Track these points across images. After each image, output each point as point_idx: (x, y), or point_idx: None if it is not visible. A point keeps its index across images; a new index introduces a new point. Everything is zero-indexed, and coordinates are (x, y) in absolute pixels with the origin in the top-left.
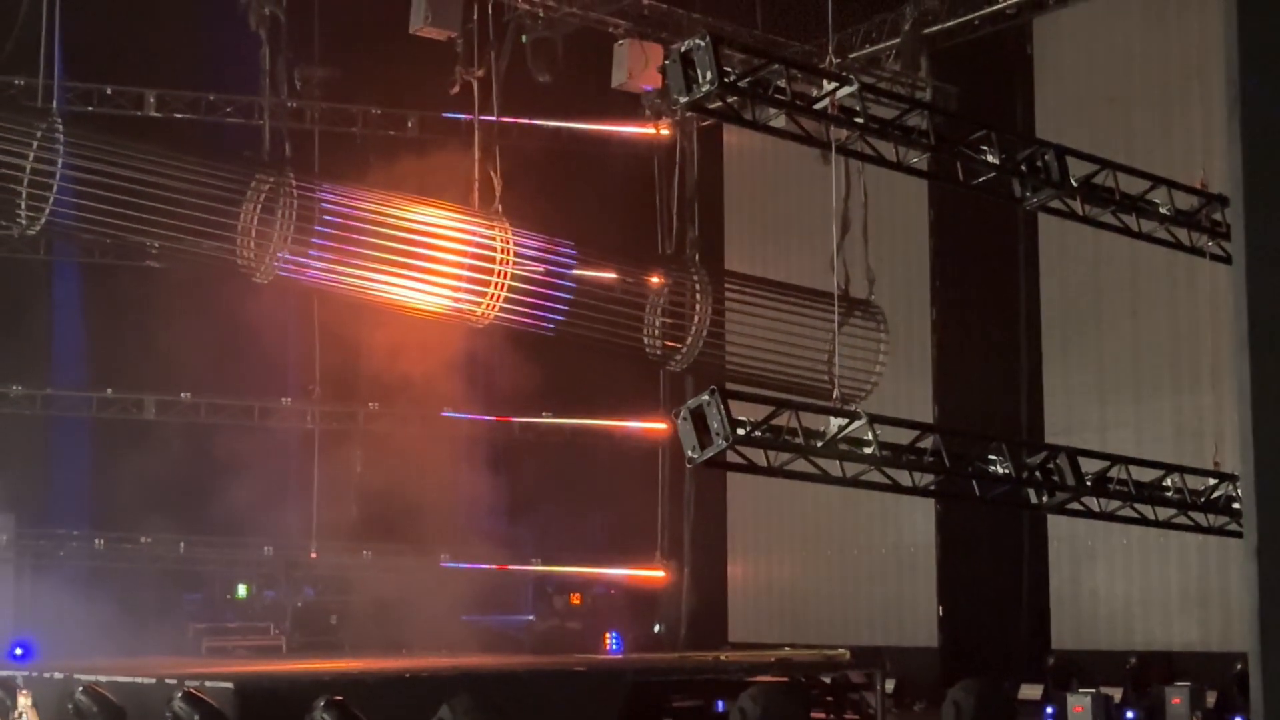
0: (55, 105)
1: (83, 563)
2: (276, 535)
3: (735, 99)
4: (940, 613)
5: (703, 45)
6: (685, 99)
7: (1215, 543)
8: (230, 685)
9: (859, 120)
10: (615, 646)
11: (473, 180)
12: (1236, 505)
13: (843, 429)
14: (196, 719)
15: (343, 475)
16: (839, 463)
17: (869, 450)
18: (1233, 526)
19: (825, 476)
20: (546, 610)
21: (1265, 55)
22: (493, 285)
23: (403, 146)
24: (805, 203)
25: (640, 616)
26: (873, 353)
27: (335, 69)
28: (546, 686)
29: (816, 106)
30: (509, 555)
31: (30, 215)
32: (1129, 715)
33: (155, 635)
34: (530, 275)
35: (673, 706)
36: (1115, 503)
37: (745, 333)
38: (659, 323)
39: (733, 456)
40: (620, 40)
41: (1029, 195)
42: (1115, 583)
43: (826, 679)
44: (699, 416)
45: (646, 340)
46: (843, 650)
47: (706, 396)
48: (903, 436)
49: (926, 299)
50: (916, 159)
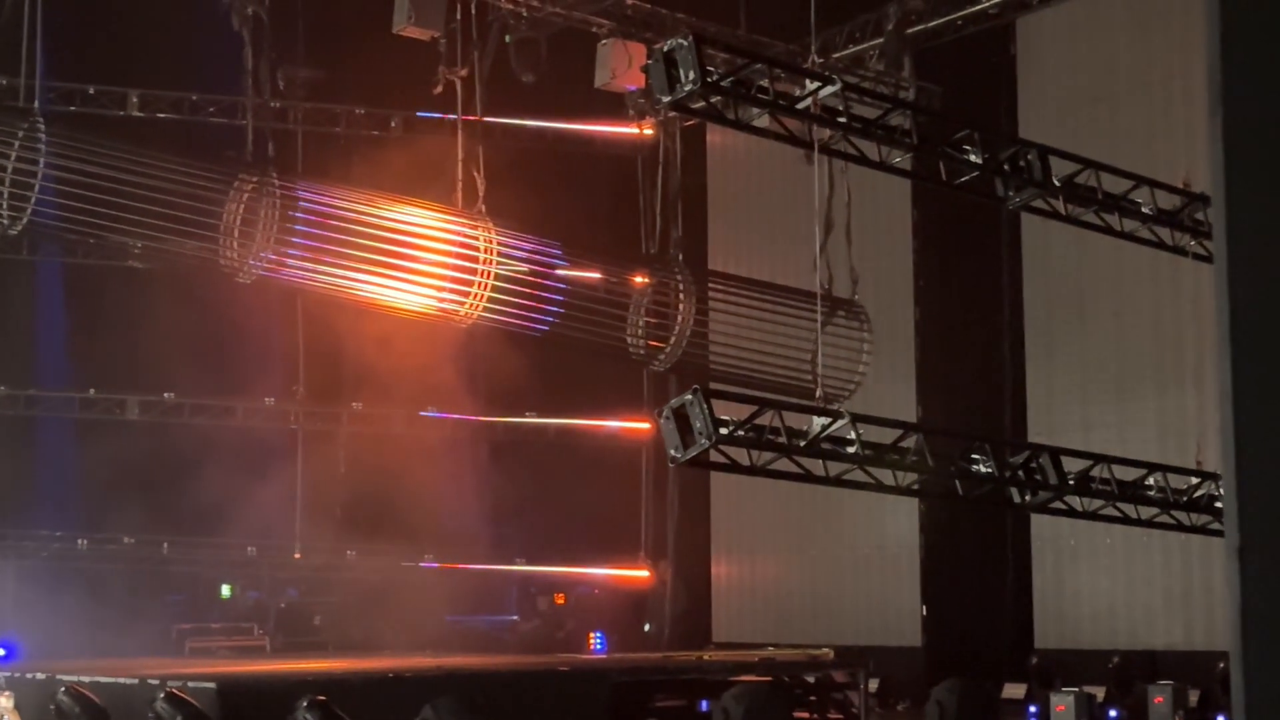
0: (37, 105)
1: (66, 563)
2: (260, 535)
3: (718, 99)
4: (924, 612)
5: (685, 45)
6: (668, 99)
7: (1198, 542)
8: (213, 686)
9: (842, 120)
10: (599, 647)
11: (456, 180)
12: (1219, 504)
13: (826, 428)
14: (179, 719)
15: (326, 475)
16: (822, 462)
17: (852, 450)
18: (1215, 525)
19: (808, 476)
20: (530, 610)
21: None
22: (476, 285)
23: (386, 146)
24: (789, 202)
25: (624, 616)
26: (856, 352)
27: (318, 69)
28: (530, 687)
29: (799, 106)
30: (493, 555)
31: (12, 215)
32: (1112, 714)
33: (138, 635)
34: (514, 275)
35: (656, 706)
36: (1098, 502)
37: (729, 332)
38: (643, 322)
39: (716, 456)
40: (604, 40)
41: (1012, 195)
42: (1098, 582)
43: (810, 679)
44: (682, 416)
45: (630, 340)
46: (826, 650)
47: (689, 396)
48: (886, 436)
49: (910, 299)
50: (899, 158)
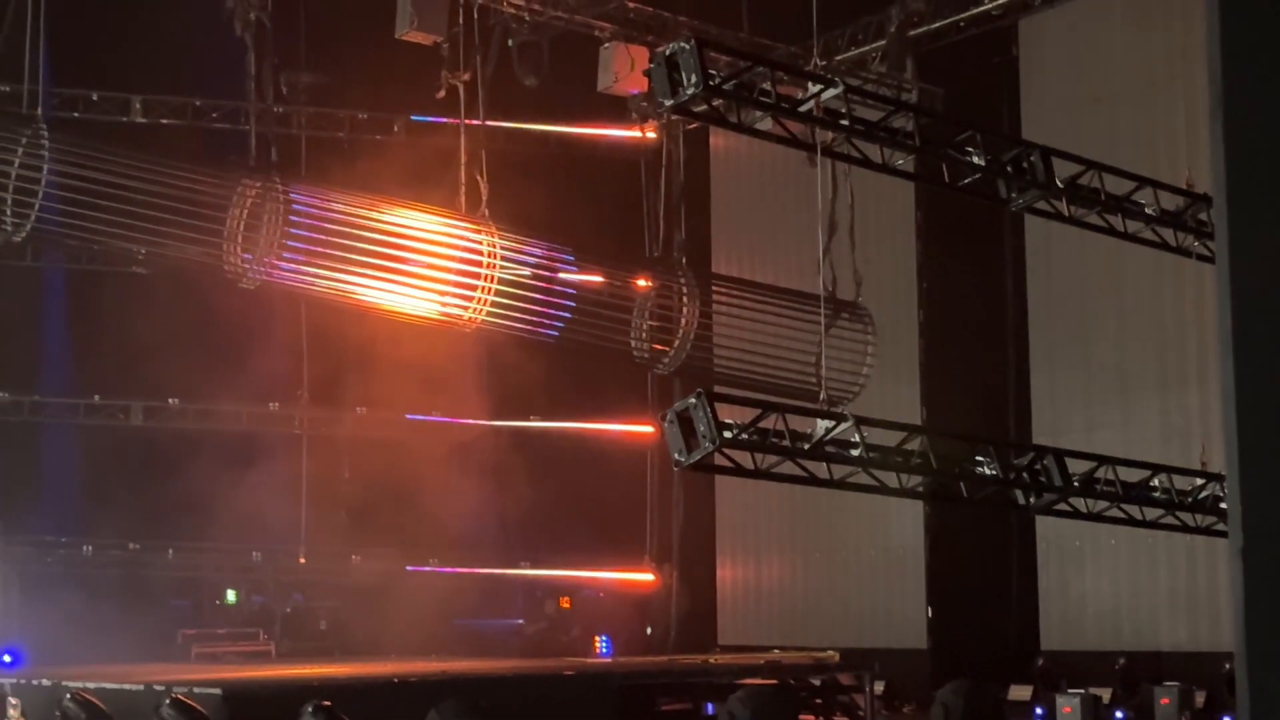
0: (40, 111)
1: (70, 569)
2: (265, 541)
3: (720, 102)
4: (929, 614)
5: (687, 48)
6: (670, 102)
7: (1203, 543)
8: (219, 691)
9: (845, 122)
10: (605, 650)
11: (459, 184)
12: (1224, 505)
13: (830, 431)
14: None
15: (331, 480)
16: (826, 465)
17: (856, 452)
18: (1220, 526)
19: (812, 479)
20: (536, 614)
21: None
22: (479, 289)
23: (389, 151)
24: (792, 205)
25: (630, 620)
26: (860, 355)
27: (321, 74)
28: (535, 691)
29: (802, 109)
30: (498, 559)
31: (16, 222)
32: (1118, 716)
33: (143, 641)
34: (517, 279)
35: (662, 710)
36: (1103, 503)
37: (732, 335)
38: (646, 325)
39: (720, 459)
40: (606, 44)
41: (1015, 196)
42: (1103, 583)
43: (816, 681)
44: (686, 419)
45: (634, 343)
46: (832, 652)
47: (693, 399)
48: (890, 438)
49: (914, 301)
50: (902, 161)
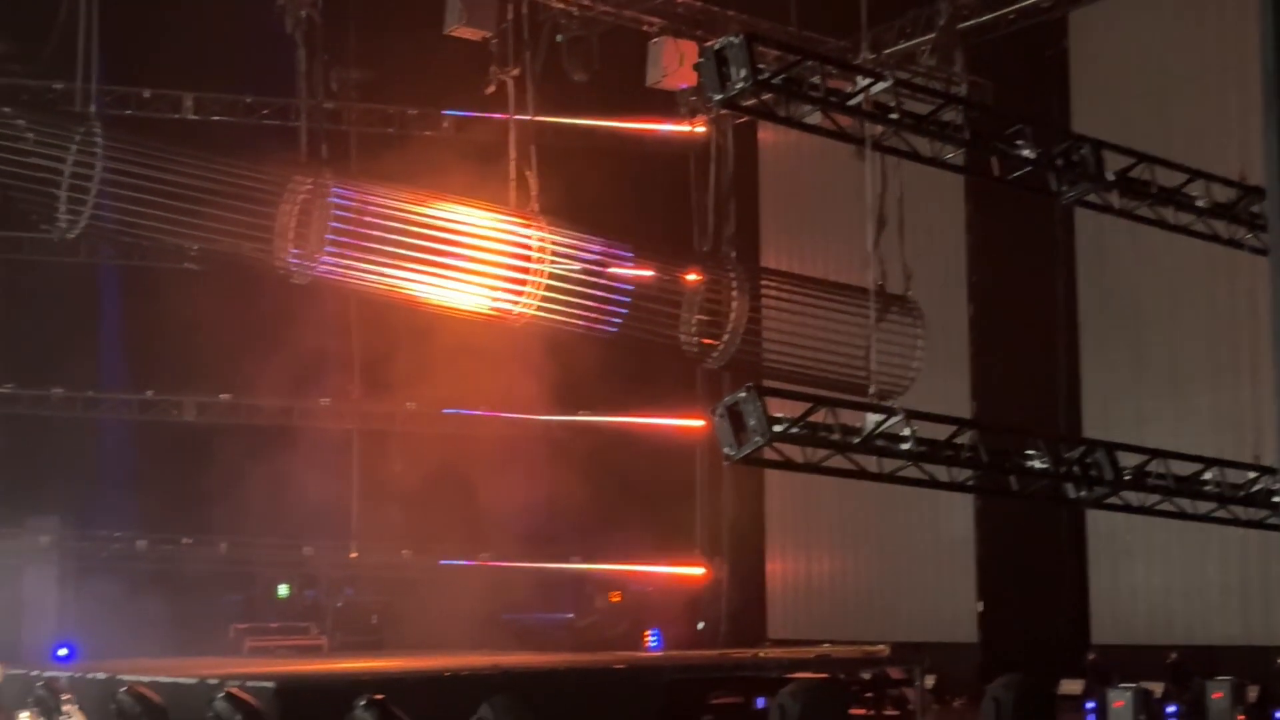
0: (94, 109)
1: (125, 564)
2: (316, 535)
3: (770, 96)
4: (980, 608)
5: (737, 43)
6: (719, 96)
7: (1256, 536)
8: (272, 685)
9: (894, 116)
10: (655, 644)
11: (509, 179)
12: (1276, 499)
13: (880, 425)
14: (238, 718)
15: (381, 475)
16: (876, 459)
17: (906, 446)
18: (1273, 520)
19: (862, 472)
20: (586, 608)
21: None
22: (529, 284)
23: (439, 147)
24: (841, 199)
25: (680, 614)
26: (909, 348)
27: (371, 70)
28: (586, 685)
29: (851, 103)
30: (549, 554)
31: (70, 219)
32: (1170, 710)
33: (197, 635)
34: (567, 274)
35: (712, 704)
36: (1154, 497)
37: (782, 329)
38: (696, 320)
39: (770, 453)
40: (655, 38)
41: (1065, 189)
42: (1155, 577)
43: (866, 675)
44: (736, 414)
45: (683, 337)
46: (882, 646)
47: (743, 393)
48: (940, 432)
49: (963, 294)
50: (952, 154)
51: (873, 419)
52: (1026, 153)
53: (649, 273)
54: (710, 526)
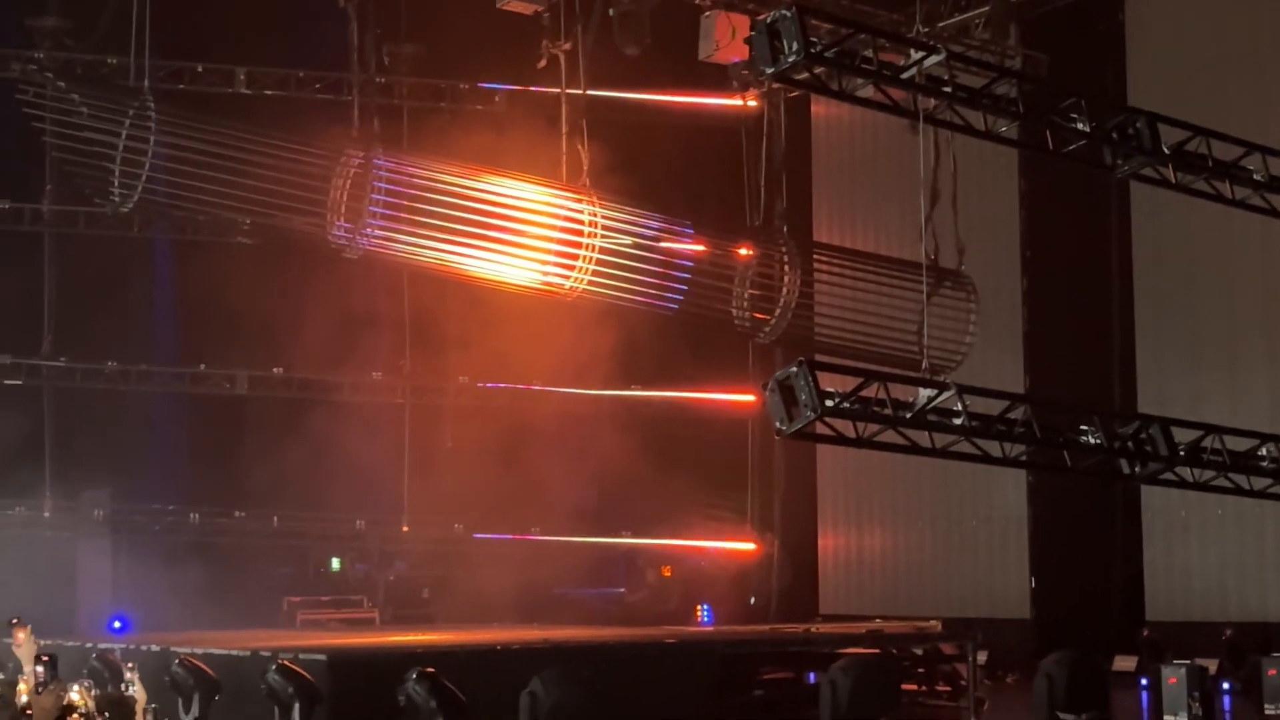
0: (147, 84)
1: (178, 537)
2: (368, 509)
3: (822, 69)
4: (1032, 584)
5: (789, 16)
6: (772, 70)
7: None
8: (324, 658)
9: (947, 89)
10: (706, 619)
11: (560, 154)
12: None
13: (932, 400)
14: (291, 690)
15: (433, 449)
16: (929, 434)
17: (958, 421)
18: None
19: (914, 448)
20: (638, 583)
21: None
22: (581, 259)
23: (490, 121)
24: (894, 173)
25: (731, 589)
26: (962, 323)
27: (422, 45)
28: (637, 659)
29: (904, 76)
30: (600, 528)
31: (123, 193)
32: (1225, 687)
33: (250, 608)
34: (618, 248)
35: (764, 679)
36: (1209, 473)
37: (834, 304)
38: (748, 294)
39: (821, 428)
40: (707, 12)
41: (1120, 163)
42: (1209, 553)
43: (918, 651)
44: (787, 388)
45: (735, 312)
46: (934, 622)
47: (795, 368)
48: (993, 407)
49: (1017, 269)
50: (1006, 128)
51: (925, 394)
52: (1081, 126)
53: (700, 247)
54: (762, 501)
